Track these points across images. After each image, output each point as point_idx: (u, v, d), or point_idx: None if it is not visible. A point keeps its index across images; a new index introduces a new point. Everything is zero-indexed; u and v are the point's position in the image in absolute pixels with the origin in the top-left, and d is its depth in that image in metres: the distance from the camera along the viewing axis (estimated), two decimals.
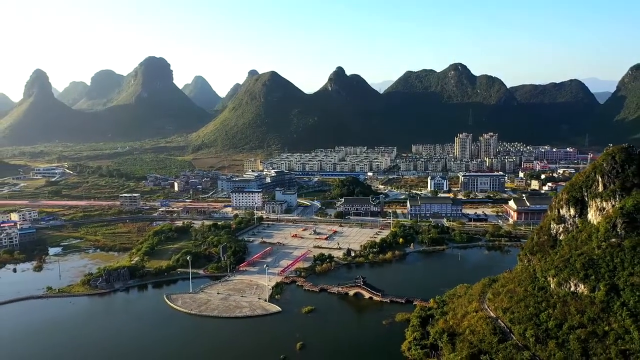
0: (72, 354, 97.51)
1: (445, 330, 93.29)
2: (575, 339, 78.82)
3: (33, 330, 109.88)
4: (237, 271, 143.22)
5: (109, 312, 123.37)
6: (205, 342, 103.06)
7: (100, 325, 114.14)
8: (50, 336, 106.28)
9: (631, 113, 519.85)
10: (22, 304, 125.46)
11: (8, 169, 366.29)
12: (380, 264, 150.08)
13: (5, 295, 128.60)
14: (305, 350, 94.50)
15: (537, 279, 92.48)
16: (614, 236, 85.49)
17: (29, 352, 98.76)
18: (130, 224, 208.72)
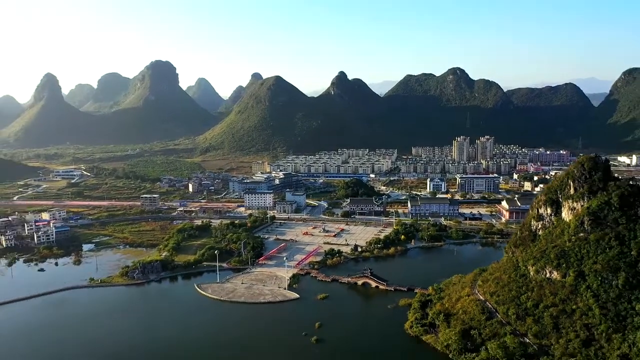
0: (122, 335, 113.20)
1: (441, 311, 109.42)
2: (548, 315, 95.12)
3: (84, 314, 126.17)
4: (257, 264, 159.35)
5: (147, 299, 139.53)
6: (235, 323, 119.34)
7: (141, 310, 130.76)
8: (99, 319, 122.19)
9: (623, 116, 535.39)
10: (70, 292, 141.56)
11: (27, 171, 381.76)
12: (384, 258, 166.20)
13: (54, 285, 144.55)
14: (323, 328, 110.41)
15: (519, 268, 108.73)
16: (581, 231, 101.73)
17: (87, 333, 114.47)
18: (152, 222, 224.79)
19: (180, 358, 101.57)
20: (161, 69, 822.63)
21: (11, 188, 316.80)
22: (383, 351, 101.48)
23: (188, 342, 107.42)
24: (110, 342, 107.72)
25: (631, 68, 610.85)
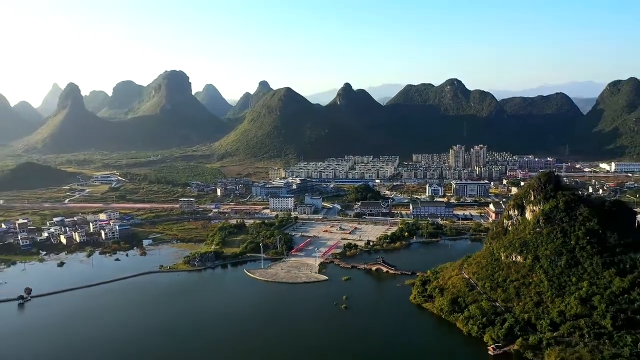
0: (196, 307, 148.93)
1: (437, 286, 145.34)
2: (512, 287, 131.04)
3: (160, 292, 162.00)
4: (290, 255, 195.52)
5: (207, 281, 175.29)
6: (282, 297, 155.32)
7: (206, 289, 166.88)
8: (173, 296, 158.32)
9: (607, 125, 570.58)
10: (146, 276, 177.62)
11: (66, 176, 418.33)
12: (391, 250, 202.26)
13: (131, 271, 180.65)
14: (348, 300, 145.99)
15: (494, 254, 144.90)
16: (538, 227, 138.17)
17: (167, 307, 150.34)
18: (193, 222, 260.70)
19: (246, 322, 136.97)
20: (176, 78, 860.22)
21: (59, 192, 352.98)
22: (394, 314, 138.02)
23: (248, 311, 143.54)
24: (189, 312, 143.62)
25: (616, 80, 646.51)
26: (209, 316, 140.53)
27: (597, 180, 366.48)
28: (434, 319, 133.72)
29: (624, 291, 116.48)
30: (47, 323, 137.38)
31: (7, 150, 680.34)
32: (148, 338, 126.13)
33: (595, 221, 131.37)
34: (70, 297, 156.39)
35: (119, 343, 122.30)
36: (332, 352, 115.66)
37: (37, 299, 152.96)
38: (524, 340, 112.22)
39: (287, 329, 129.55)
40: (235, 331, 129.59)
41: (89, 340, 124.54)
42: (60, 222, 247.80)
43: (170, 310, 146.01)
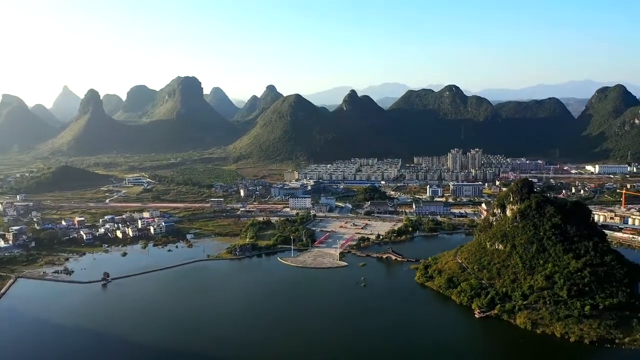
0: (243, 287, 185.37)
1: (436, 269, 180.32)
2: (495, 268, 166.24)
3: (212, 276, 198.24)
4: (314, 246, 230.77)
5: (248, 267, 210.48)
6: (311, 279, 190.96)
7: (248, 273, 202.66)
8: (223, 278, 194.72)
9: (595, 130, 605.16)
10: (197, 263, 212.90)
11: (99, 178, 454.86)
12: (398, 242, 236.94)
13: (183, 259, 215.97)
14: (366, 280, 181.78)
15: (481, 243, 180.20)
16: (515, 222, 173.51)
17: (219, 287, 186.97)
18: (225, 219, 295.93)
19: (287, 296, 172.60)
20: (189, 84, 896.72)
21: (98, 193, 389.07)
22: (403, 290, 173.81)
23: (287, 288, 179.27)
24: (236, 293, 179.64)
25: (603, 87, 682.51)
26: (257, 291, 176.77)
27: (580, 181, 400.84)
28: (434, 293, 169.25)
29: (578, 270, 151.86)
30: (127, 299, 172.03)
31: (34, 153, 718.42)
32: (212, 308, 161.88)
33: (559, 217, 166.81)
34: (142, 279, 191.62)
35: (188, 314, 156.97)
36: (357, 317, 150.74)
37: (115, 281, 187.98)
38: (501, 306, 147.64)
39: (321, 301, 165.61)
40: (280, 302, 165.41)
41: (163, 310, 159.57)
42: (111, 219, 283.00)
43: (224, 287, 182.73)
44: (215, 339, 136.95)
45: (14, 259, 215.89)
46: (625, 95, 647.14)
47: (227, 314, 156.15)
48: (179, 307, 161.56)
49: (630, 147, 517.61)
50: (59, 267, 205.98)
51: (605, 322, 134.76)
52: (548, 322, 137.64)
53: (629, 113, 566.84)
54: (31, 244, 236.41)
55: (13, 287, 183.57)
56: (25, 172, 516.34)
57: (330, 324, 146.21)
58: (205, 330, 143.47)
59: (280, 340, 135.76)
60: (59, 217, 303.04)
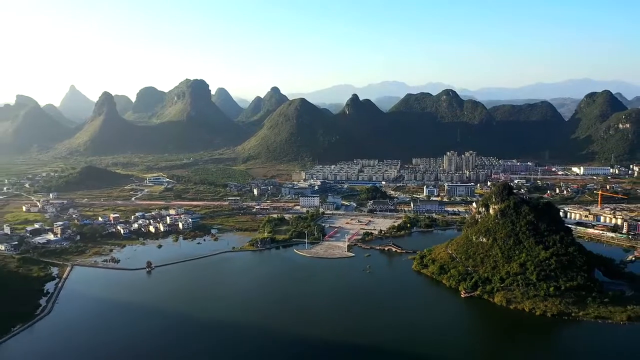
0: (266, 273, 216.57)
1: (430, 259, 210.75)
2: (479, 258, 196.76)
3: (238, 265, 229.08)
4: (324, 240, 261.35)
5: (269, 257, 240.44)
6: (323, 266, 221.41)
7: (270, 262, 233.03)
8: (249, 266, 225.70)
9: (582, 133, 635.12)
10: (224, 254, 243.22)
11: (120, 178, 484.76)
12: (398, 237, 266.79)
13: (212, 250, 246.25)
14: (371, 267, 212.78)
15: (468, 237, 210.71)
16: (496, 219, 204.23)
17: (244, 275, 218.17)
18: (243, 216, 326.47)
19: (305, 280, 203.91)
20: (198, 87, 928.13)
21: (123, 192, 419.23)
22: (402, 275, 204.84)
23: (305, 274, 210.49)
24: (262, 277, 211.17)
25: (592, 92, 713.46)
26: (279, 276, 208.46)
27: (565, 182, 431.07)
28: (427, 279, 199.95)
29: (546, 259, 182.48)
30: (171, 282, 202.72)
31: (52, 153, 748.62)
32: (245, 289, 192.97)
33: (532, 215, 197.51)
34: (180, 266, 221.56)
35: (227, 293, 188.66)
36: (363, 297, 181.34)
37: (158, 268, 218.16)
38: (483, 288, 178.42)
39: (332, 284, 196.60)
40: (299, 284, 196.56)
41: (204, 291, 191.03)
42: (142, 216, 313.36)
43: (252, 273, 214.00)
44: (253, 312, 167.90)
45: (65, 250, 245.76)
46: (612, 101, 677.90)
47: (257, 294, 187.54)
48: (218, 288, 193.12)
49: (614, 150, 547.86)
50: (106, 257, 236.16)
51: (565, 300, 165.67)
52: (519, 300, 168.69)
53: (614, 118, 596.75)
54: (76, 237, 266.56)
55: (72, 274, 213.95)
56: (50, 171, 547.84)
57: (340, 302, 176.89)
58: (245, 305, 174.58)
59: (302, 312, 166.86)
60: (93, 213, 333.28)
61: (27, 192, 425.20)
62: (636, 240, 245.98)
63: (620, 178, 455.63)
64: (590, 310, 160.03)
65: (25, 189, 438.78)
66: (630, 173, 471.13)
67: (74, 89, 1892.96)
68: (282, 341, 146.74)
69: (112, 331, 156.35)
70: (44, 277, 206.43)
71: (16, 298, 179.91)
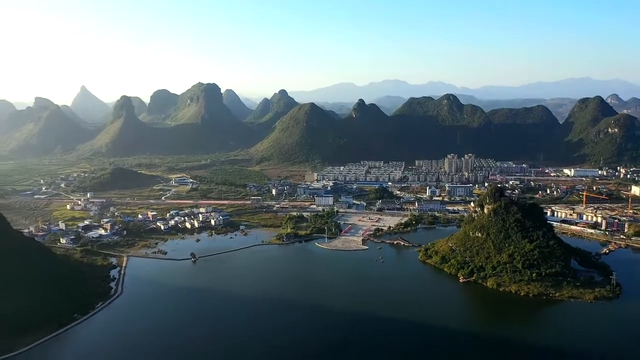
0: (294, 265, 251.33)
1: (433, 251, 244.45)
2: (475, 250, 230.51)
3: (268, 257, 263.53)
4: (340, 235, 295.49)
5: (294, 250, 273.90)
6: (341, 257, 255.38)
7: (296, 254, 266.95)
8: (279, 257, 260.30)
9: (575, 136, 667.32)
10: (249, 250, 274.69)
11: (147, 179, 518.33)
12: (405, 233, 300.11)
13: (244, 244, 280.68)
14: (384, 258, 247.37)
15: (466, 232, 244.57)
16: (489, 217, 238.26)
17: (275, 266, 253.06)
18: (266, 213, 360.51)
19: (328, 268, 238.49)
20: (211, 90, 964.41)
21: (152, 192, 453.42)
22: (410, 265, 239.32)
23: (324, 264, 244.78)
24: (292, 266, 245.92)
25: (584, 97, 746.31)
26: (305, 265, 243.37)
27: (556, 183, 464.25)
28: (431, 267, 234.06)
29: (530, 250, 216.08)
30: (216, 270, 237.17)
31: (76, 154, 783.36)
32: (279, 275, 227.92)
33: (520, 214, 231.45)
34: (219, 257, 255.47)
35: (265, 277, 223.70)
36: (376, 282, 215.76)
37: (201, 259, 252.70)
38: (478, 274, 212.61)
39: (351, 271, 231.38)
40: (322, 271, 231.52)
41: (243, 276, 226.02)
42: (176, 213, 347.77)
43: (282, 263, 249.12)
44: (291, 292, 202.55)
45: (117, 243, 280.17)
46: (603, 106, 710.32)
47: (289, 278, 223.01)
48: (256, 273, 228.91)
49: (603, 153, 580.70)
50: (154, 249, 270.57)
51: (545, 283, 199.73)
52: (508, 284, 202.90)
53: (604, 123, 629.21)
54: (123, 232, 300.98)
55: (129, 263, 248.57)
56: (79, 172, 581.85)
57: (357, 285, 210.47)
58: (283, 286, 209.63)
59: (329, 290, 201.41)
60: (131, 211, 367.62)
61: (65, 191, 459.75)
62: (612, 235, 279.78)
63: (607, 179, 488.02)
64: (565, 292, 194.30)
65: (62, 189, 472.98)
66: (617, 175, 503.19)
67: (85, 89, 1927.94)
68: (317, 310, 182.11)
69: (178, 306, 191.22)
70: (106, 265, 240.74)
71: (91, 282, 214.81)
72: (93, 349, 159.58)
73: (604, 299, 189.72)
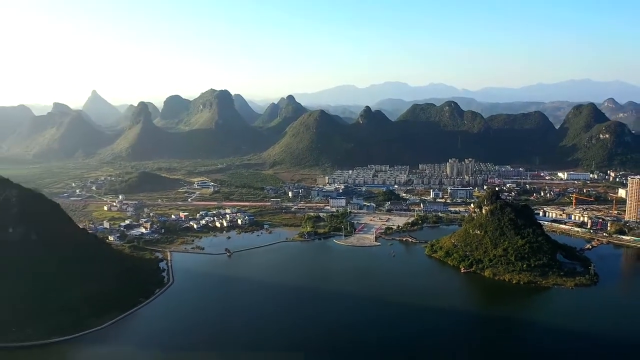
0: (314, 259, 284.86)
1: (438, 246, 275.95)
2: (474, 244, 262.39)
3: (292, 252, 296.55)
4: (355, 233, 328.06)
5: (315, 246, 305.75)
6: (357, 252, 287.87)
7: (317, 250, 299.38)
8: (303, 252, 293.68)
9: (569, 141, 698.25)
10: (275, 246, 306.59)
11: (170, 182, 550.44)
12: (412, 231, 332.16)
13: (270, 241, 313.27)
14: (396, 253, 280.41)
15: (467, 230, 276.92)
16: (487, 216, 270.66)
17: (297, 259, 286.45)
18: (285, 214, 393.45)
19: (347, 261, 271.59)
20: (223, 97, 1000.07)
21: (178, 194, 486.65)
22: (418, 258, 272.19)
23: (342, 258, 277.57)
24: (316, 259, 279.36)
25: (579, 104, 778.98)
26: (326, 259, 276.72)
27: (550, 186, 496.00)
28: (437, 261, 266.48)
29: (522, 245, 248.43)
30: (250, 263, 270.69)
31: (97, 158, 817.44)
32: (306, 266, 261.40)
33: (513, 214, 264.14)
34: (251, 252, 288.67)
35: (293, 267, 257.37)
36: (389, 272, 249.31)
37: (235, 254, 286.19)
38: (477, 266, 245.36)
39: (366, 264, 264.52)
40: (341, 264, 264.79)
41: (274, 267, 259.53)
42: (205, 214, 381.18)
43: (306, 256, 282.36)
44: (317, 279, 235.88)
45: (158, 240, 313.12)
46: (595, 113, 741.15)
47: (312, 270, 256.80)
48: (287, 265, 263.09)
49: (594, 157, 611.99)
50: (192, 245, 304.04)
51: (533, 273, 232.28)
52: (502, 274, 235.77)
53: (596, 129, 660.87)
54: (161, 231, 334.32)
55: (173, 257, 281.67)
56: (105, 175, 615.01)
57: (373, 276, 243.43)
58: (310, 275, 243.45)
59: (344, 282, 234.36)
60: (162, 212, 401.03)
61: (97, 194, 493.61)
62: (595, 233, 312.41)
63: (597, 183, 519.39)
64: (550, 280, 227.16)
65: (94, 191, 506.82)
66: (607, 178, 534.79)
67: (96, 93, 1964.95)
68: (338, 296, 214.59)
69: (221, 292, 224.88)
70: (154, 259, 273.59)
71: (146, 272, 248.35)
72: (159, 326, 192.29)
73: (583, 286, 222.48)
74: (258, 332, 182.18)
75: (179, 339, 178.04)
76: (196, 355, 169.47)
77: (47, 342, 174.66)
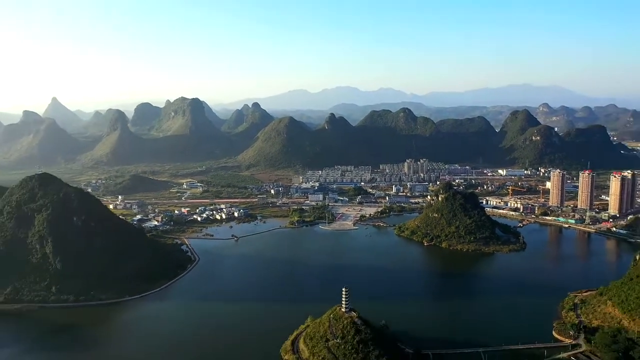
0: (304, 240, 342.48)
1: (404, 228, 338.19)
2: (433, 225, 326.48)
3: (287, 236, 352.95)
4: (335, 221, 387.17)
5: (304, 231, 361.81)
6: (340, 235, 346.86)
7: (306, 234, 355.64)
8: (291, 237, 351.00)
9: (508, 143, 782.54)
10: (273, 231, 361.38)
11: (160, 184, 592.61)
12: (382, 218, 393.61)
13: (267, 228, 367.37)
14: (371, 235, 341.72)
15: (427, 214, 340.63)
16: (442, 203, 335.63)
17: (290, 240, 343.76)
18: (272, 208, 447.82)
19: (332, 240, 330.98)
20: (196, 104, 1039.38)
21: (172, 194, 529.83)
22: (389, 238, 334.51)
23: (329, 239, 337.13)
24: (309, 240, 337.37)
25: (515, 110, 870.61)
26: (316, 240, 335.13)
27: (491, 181, 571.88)
28: (404, 239, 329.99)
29: (469, 223, 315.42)
30: (257, 245, 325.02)
31: (79, 163, 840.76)
32: (301, 245, 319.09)
33: (463, 200, 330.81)
34: (255, 237, 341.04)
35: (294, 246, 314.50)
36: (366, 249, 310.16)
37: (241, 239, 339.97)
38: (436, 240, 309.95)
39: (348, 243, 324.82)
40: (328, 243, 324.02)
41: (273, 249, 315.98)
42: (204, 209, 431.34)
43: (300, 238, 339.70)
44: (315, 252, 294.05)
45: (171, 230, 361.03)
46: (529, 118, 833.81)
47: (306, 246, 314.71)
48: (289, 244, 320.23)
49: (528, 156, 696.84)
50: (202, 233, 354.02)
51: (478, 243, 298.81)
52: (455, 245, 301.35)
53: (529, 132, 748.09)
54: (171, 223, 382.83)
55: (190, 242, 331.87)
56: (96, 179, 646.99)
57: (355, 250, 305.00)
58: (309, 251, 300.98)
59: (332, 255, 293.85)
60: (165, 209, 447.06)
61: (96, 195, 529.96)
62: (526, 215, 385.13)
63: (530, 178, 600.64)
64: (491, 248, 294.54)
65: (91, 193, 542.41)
66: (538, 174, 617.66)
67: (56, 100, 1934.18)
68: (330, 265, 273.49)
69: (237, 266, 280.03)
70: (176, 244, 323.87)
71: (175, 253, 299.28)
72: (200, 288, 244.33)
73: (515, 251, 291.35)
74: (270, 286, 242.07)
75: (216, 294, 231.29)
76: (230, 303, 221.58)
77: (120, 300, 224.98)
